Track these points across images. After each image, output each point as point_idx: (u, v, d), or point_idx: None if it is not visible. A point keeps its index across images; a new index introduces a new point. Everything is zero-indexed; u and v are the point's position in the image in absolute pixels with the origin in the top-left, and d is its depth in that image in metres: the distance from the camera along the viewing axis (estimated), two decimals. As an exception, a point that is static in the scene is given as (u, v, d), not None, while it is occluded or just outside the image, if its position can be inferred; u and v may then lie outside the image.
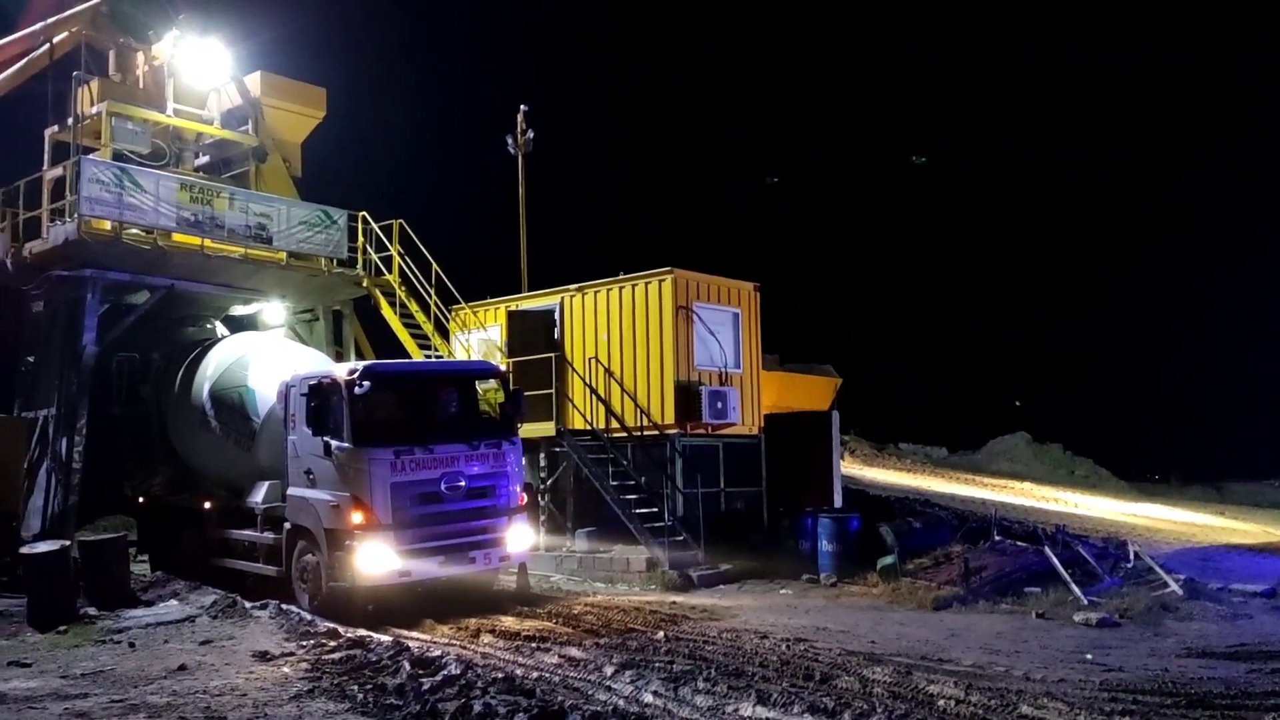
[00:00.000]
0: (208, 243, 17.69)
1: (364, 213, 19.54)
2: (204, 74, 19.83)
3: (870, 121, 72.58)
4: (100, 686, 8.94)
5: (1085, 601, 12.83)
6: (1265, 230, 57.41)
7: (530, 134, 26.45)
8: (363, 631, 11.19)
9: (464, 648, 10.66)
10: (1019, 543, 15.70)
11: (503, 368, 15.51)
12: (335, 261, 19.36)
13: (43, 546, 12.83)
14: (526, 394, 14.58)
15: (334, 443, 12.38)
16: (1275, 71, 71.98)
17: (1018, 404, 48.97)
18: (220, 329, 19.07)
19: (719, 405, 17.11)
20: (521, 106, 26.53)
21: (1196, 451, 45.36)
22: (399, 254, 19.28)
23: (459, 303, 19.50)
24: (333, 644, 10.40)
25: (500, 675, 8.77)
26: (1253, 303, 54.88)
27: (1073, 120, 73.38)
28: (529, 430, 15.67)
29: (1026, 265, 65.35)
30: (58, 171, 17.80)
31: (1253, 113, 69.46)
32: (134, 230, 17.04)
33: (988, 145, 67.75)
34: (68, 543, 13.30)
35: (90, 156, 17.26)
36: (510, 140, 26.60)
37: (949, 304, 64.03)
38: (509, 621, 12.14)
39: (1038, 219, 69.01)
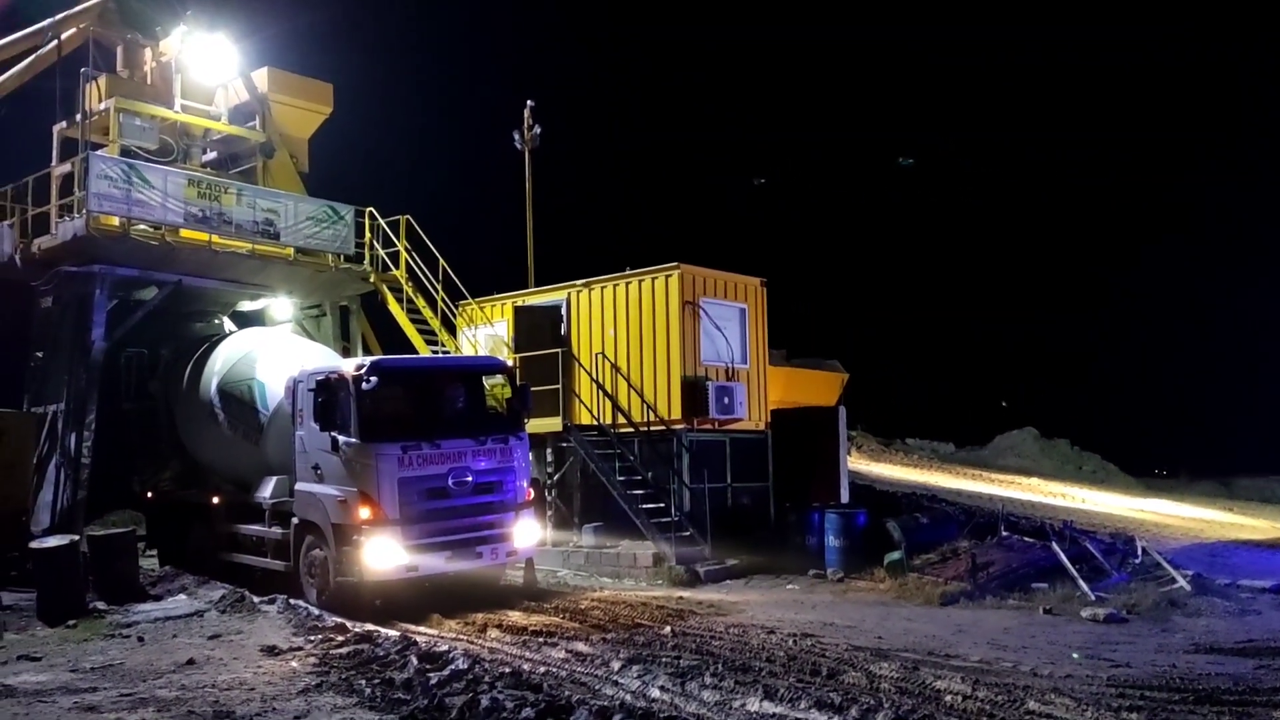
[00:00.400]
0: (215, 238, 17.73)
1: (371, 208, 19.59)
2: (211, 70, 19.86)
3: (871, 121, 72.76)
4: (109, 680, 8.98)
5: (1093, 597, 12.80)
6: (1265, 230, 57.57)
7: (537, 129, 26.47)
8: (370, 626, 11.24)
9: (471, 642, 10.68)
10: (1026, 538, 15.65)
11: (510, 363, 15.49)
12: (342, 257, 19.40)
13: (52, 541, 12.89)
14: (533, 389, 14.58)
15: (341, 438, 12.40)
16: (1275, 71, 71.89)
17: (1004, 404, 48.69)
18: (228, 324, 19.11)
19: (726, 400, 17.10)
20: (528, 102, 26.56)
21: (1205, 447, 45.34)
22: (406, 250, 19.30)
23: (466, 298, 19.52)
24: (340, 638, 10.45)
25: (507, 670, 8.79)
26: (1256, 301, 54.96)
27: (1073, 120, 73.51)
28: (536, 426, 15.67)
29: (1027, 265, 65.57)
30: (66, 168, 17.86)
31: (1253, 113, 69.50)
32: (142, 226, 17.09)
33: (988, 145, 67.99)
34: (77, 537, 13.35)
35: (98, 153, 17.30)
36: (517, 136, 26.60)
37: (949, 304, 64.26)
38: (516, 616, 12.16)
39: (1038, 219, 69.23)
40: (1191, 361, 56.05)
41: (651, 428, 17.22)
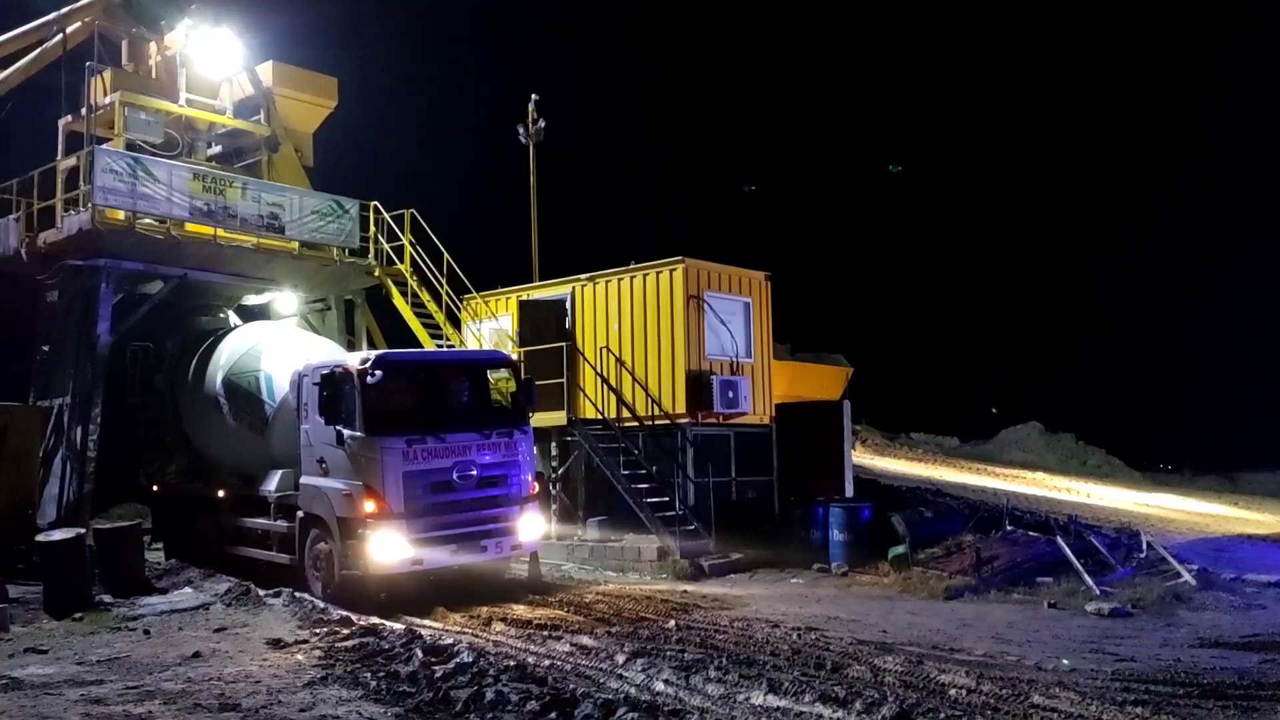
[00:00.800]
0: (220, 232, 17.74)
1: (376, 202, 19.60)
2: (216, 64, 19.86)
3: (872, 120, 72.86)
4: (115, 673, 9.01)
5: (1098, 591, 12.80)
6: (1266, 229, 57.70)
7: (541, 123, 26.46)
8: (375, 619, 11.26)
9: (476, 636, 10.70)
10: (1031, 532, 15.66)
11: (514, 357, 15.52)
12: (347, 251, 19.41)
13: (58, 534, 12.91)
14: (538, 383, 14.59)
15: (346, 431, 12.42)
16: (1275, 71, 71.76)
17: (994, 410, 48.70)
18: (233, 318, 19.12)
19: (730, 394, 17.09)
20: (533, 96, 26.57)
21: (1209, 442, 45.31)
22: (411, 243, 19.30)
23: (470, 292, 19.51)
24: (346, 632, 10.46)
25: (512, 663, 8.80)
26: (1258, 297, 55.05)
27: (1072, 120, 73.53)
28: (540, 419, 15.69)
29: (1027, 265, 65.71)
30: (71, 161, 17.85)
31: (1253, 113, 69.47)
32: (147, 220, 17.10)
33: (988, 144, 68.21)
34: (83, 530, 13.37)
35: (103, 147, 17.30)
36: (521, 129, 26.60)
37: (951, 301, 64.37)
38: (521, 610, 12.18)
39: (1038, 219, 69.47)
40: (1194, 358, 56.22)
41: (656, 422, 17.22)
